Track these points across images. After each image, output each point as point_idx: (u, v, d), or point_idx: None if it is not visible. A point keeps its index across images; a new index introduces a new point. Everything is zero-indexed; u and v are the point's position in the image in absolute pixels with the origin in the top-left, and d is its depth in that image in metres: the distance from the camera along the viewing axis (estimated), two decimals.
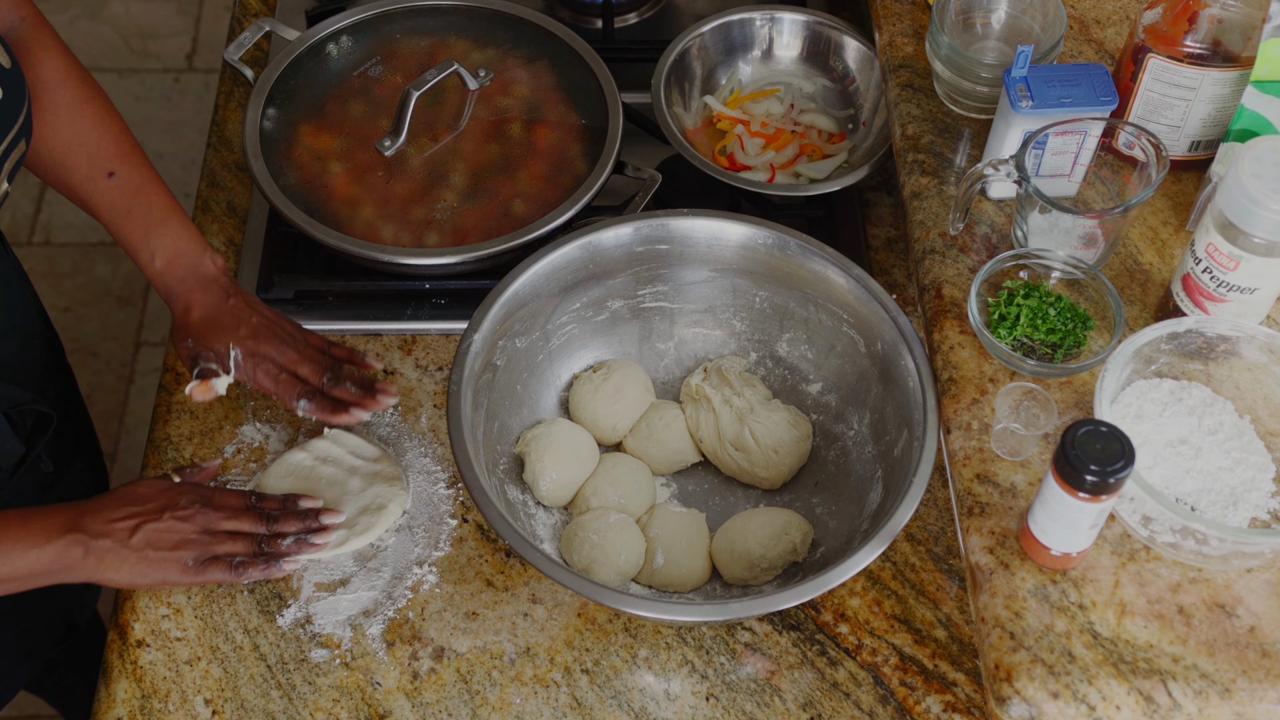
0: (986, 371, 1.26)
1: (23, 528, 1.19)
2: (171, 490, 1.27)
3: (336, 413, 1.35)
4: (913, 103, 1.46)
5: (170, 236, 1.37)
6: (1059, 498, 1.07)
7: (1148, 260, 1.32)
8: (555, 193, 1.51)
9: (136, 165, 1.37)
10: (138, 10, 3.21)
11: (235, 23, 1.82)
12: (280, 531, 1.30)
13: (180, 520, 1.25)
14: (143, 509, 1.24)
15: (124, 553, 1.22)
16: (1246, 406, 1.21)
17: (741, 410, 1.39)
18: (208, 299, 1.37)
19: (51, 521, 1.21)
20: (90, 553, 1.21)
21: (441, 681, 1.29)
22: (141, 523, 1.23)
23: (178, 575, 1.25)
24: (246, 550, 1.27)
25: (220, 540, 1.27)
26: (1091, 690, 1.08)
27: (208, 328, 1.35)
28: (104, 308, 2.75)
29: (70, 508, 1.23)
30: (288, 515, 1.31)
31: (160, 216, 1.37)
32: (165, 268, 1.37)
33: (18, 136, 1.22)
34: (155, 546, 1.23)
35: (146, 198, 1.37)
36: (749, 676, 1.30)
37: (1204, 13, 1.26)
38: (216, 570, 1.26)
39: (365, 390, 1.36)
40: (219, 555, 1.26)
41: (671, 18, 1.85)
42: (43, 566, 1.20)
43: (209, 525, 1.26)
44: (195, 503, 1.27)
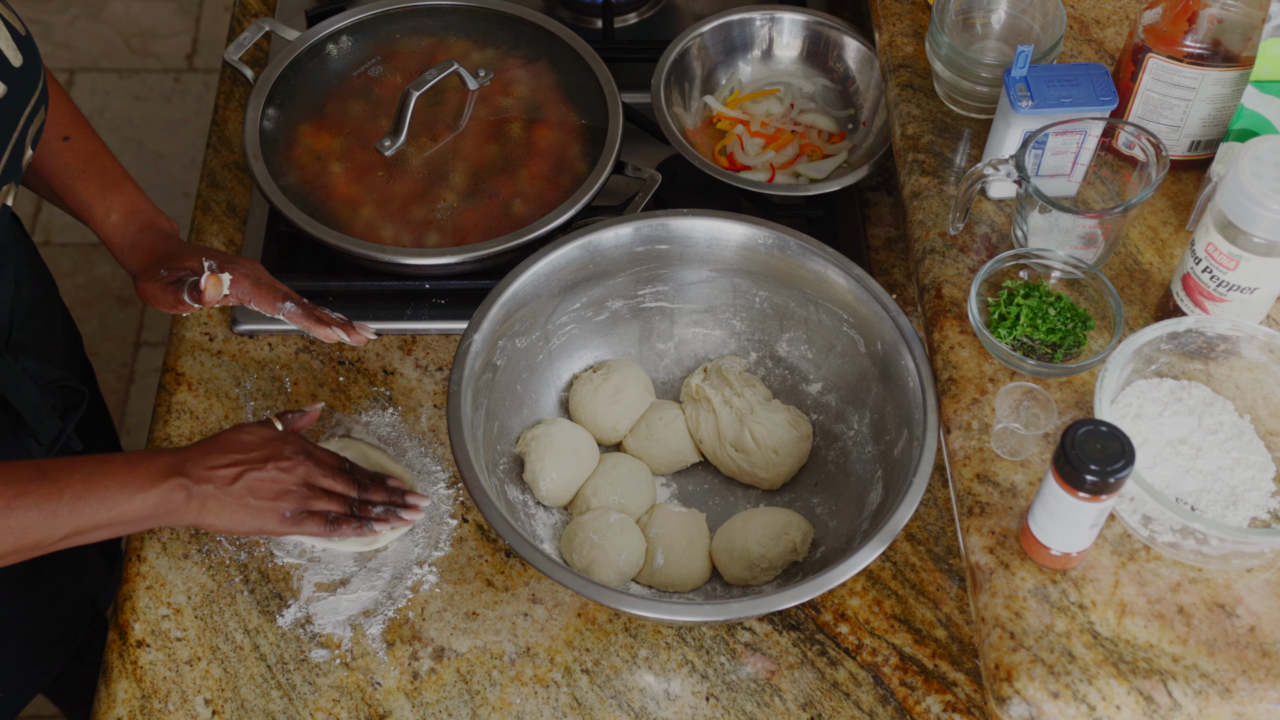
0: (986, 371, 1.26)
1: (130, 472, 1.20)
2: (276, 440, 1.28)
3: (320, 324, 1.35)
4: (913, 103, 1.46)
5: (126, 194, 1.38)
6: (1059, 498, 1.07)
7: (1148, 260, 1.32)
8: (555, 193, 1.51)
9: (90, 134, 1.39)
10: (138, 10, 3.21)
11: (235, 23, 1.82)
12: (369, 499, 1.30)
13: (283, 471, 1.25)
14: (247, 456, 1.25)
15: (225, 499, 1.23)
16: (1246, 406, 1.21)
17: (741, 411, 1.39)
18: (168, 244, 1.37)
19: (156, 465, 1.21)
20: (193, 497, 1.21)
21: (441, 681, 1.29)
22: (245, 470, 1.24)
23: (275, 524, 1.25)
24: (341, 509, 1.28)
25: (318, 495, 1.27)
26: (1091, 690, 1.08)
27: (175, 257, 1.36)
28: (104, 308, 2.75)
29: (174, 452, 1.23)
30: (376, 486, 1.32)
31: (116, 178, 1.38)
32: (123, 221, 1.37)
33: (39, 102, 1.23)
34: (256, 495, 1.24)
35: (101, 161, 1.38)
36: (749, 676, 1.30)
37: (1204, 13, 1.26)
38: (313, 524, 1.26)
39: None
40: (316, 510, 1.26)
41: (671, 18, 1.85)
42: (148, 510, 1.20)
43: (309, 479, 1.27)
44: (299, 453, 1.27)
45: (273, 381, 1.48)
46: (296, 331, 1.51)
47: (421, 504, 1.33)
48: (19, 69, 1.19)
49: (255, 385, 1.47)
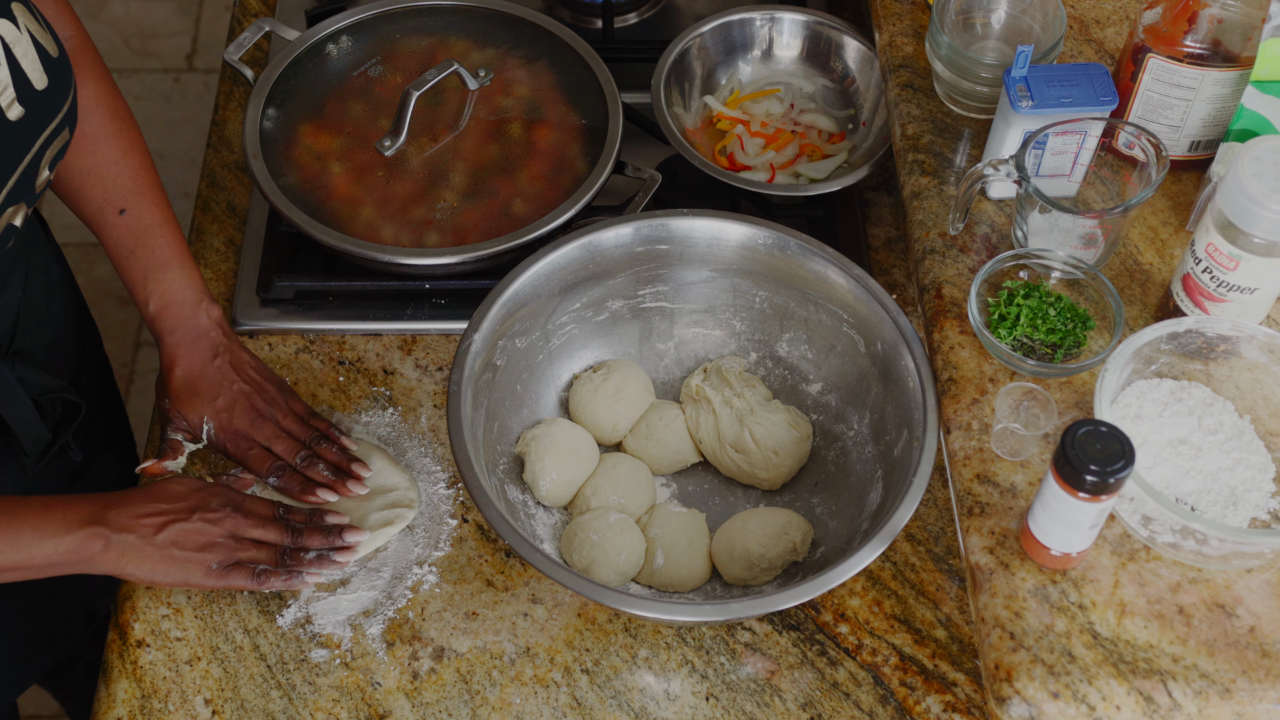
0: (986, 371, 1.26)
1: (44, 516, 1.19)
2: (204, 491, 1.27)
3: (305, 492, 1.34)
4: (913, 103, 1.46)
5: (167, 283, 1.37)
6: (1059, 498, 1.07)
7: (1148, 260, 1.32)
8: (555, 193, 1.51)
9: (150, 205, 1.37)
10: (138, 10, 3.21)
11: (235, 23, 1.82)
12: (304, 545, 1.30)
13: (209, 523, 1.25)
14: (173, 507, 1.25)
15: (148, 549, 1.22)
16: (1246, 406, 1.21)
17: (741, 411, 1.39)
18: (192, 357, 1.36)
19: (75, 512, 1.21)
20: (111, 546, 1.21)
21: (441, 681, 1.29)
22: (169, 521, 1.23)
23: (200, 577, 1.25)
24: (270, 559, 1.28)
25: (245, 547, 1.27)
26: (1091, 690, 1.08)
27: (186, 393, 1.36)
28: (104, 308, 2.75)
29: (97, 499, 1.23)
30: (313, 530, 1.31)
31: (162, 261, 1.37)
32: (157, 314, 1.37)
33: (61, 125, 1.22)
34: (181, 546, 1.23)
35: (152, 239, 1.37)
36: (749, 676, 1.30)
37: (1204, 13, 1.26)
38: (239, 576, 1.26)
39: (338, 474, 1.36)
40: (243, 561, 1.26)
41: (671, 18, 1.85)
42: (60, 556, 1.20)
43: (237, 530, 1.26)
44: (226, 505, 1.27)
45: None
46: (297, 331, 1.51)
47: (358, 538, 1.32)
48: (42, 91, 1.17)
49: None
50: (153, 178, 1.39)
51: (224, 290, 1.54)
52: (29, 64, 1.16)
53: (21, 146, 1.17)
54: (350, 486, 1.35)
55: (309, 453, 1.35)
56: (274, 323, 1.52)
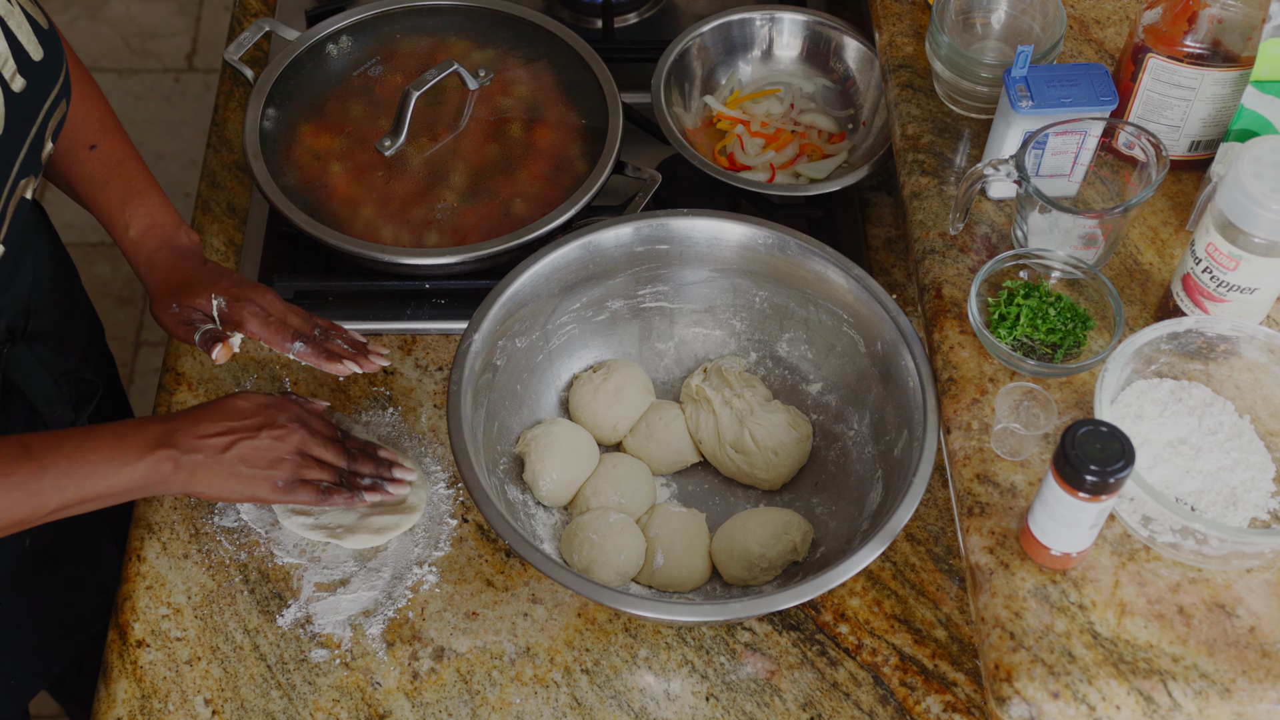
0: (986, 371, 1.26)
1: (116, 445, 1.19)
2: (272, 406, 1.27)
3: (331, 360, 1.34)
4: (913, 103, 1.46)
5: (147, 208, 1.37)
6: (1059, 498, 1.07)
7: (1148, 260, 1.32)
8: (555, 193, 1.51)
9: (118, 142, 1.38)
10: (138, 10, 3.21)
11: (235, 23, 1.82)
12: (358, 471, 1.30)
13: (276, 440, 1.25)
14: (240, 424, 1.24)
15: (216, 467, 1.22)
16: (1246, 406, 1.21)
17: (741, 412, 1.39)
18: (183, 265, 1.36)
19: (144, 437, 1.21)
20: (181, 467, 1.21)
21: (441, 681, 1.29)
22: (238, 438, 1.23)
23: (267, 492, 1.25)
24: (332, 478, 1.28)
25: (310, 465, 1.27)
26: (1091, 690, 1.08)
27: (187, 289, 1.35)
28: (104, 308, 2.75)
29: (163, 420, 1.23)
30: (366, 458, 1.32)
31: (139, 189, 1.37)
32: (140, 237, 1.37)
33: (59, 96, 1.23)
34: (249, 463, 1.23)
35: (126, 170, 1.37)
36: (749, 676, 1.30)
37: (1204, 13, 1.26)
38: (305, 492, 1.26)
39: (355, 349, 1.36)
40: (308, 479, 1.26)
41: (671, 18, 1.85)
42: (135, 482, 1.20)
43: (303, 447, 1.26)
44: (294, 420, 1.27)
45: (272, 381, 1.48)
46: None
47: (409, 477, 1.33)
48: (39, 63, 1.19)
49: (255, 385, 1.47)
50: (116, 120, 1.39)
51: None
52: (24, 36, 1.17)
53: (28, 117, 1.18)
54: (371, 359, 1.35)
55: (324, 330, 1.36)
56: None
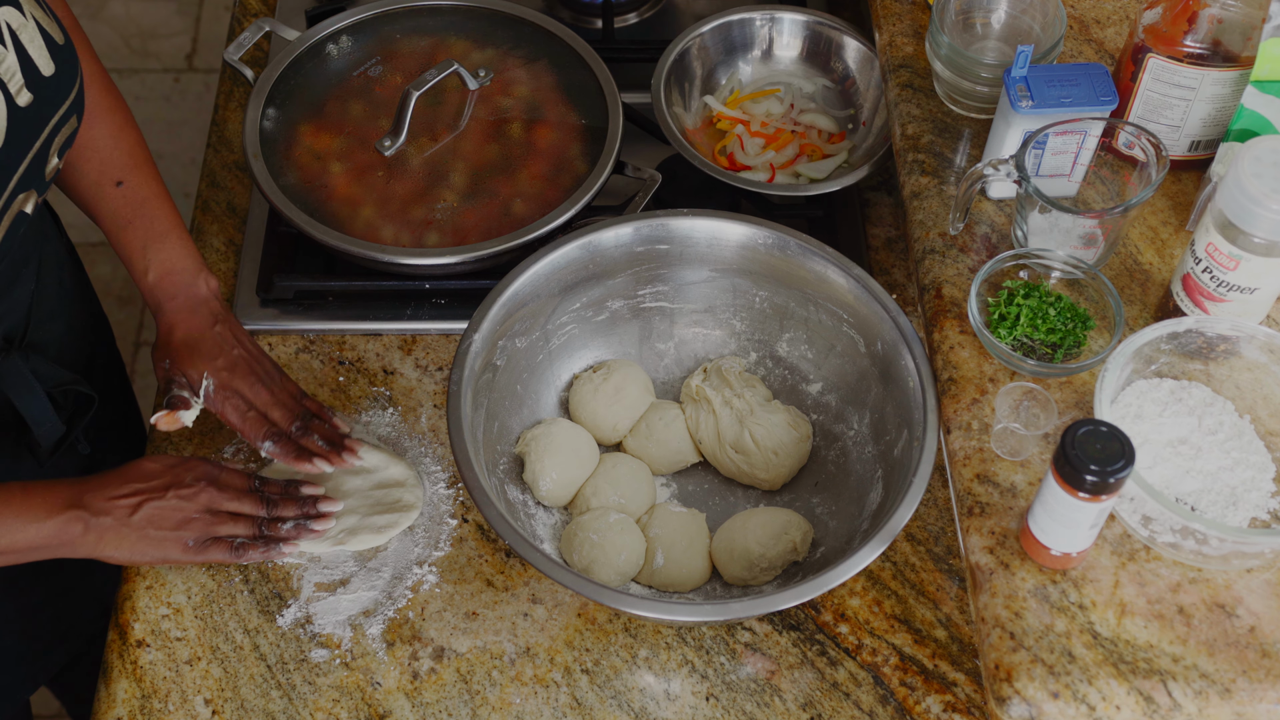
0: (986, 371, 1.26)
1: (25, 501, 1.20)
2: (179, 467, 1.28)
3: (300, 459, 1.35)
4: (913, 103, 1.46)
5: (166, 252, 1.37)
6: (1059, 498, 1.07)
7: (1148, 260, 1.32)
8: (555, 193, 1.51)
9: (146, 178, 1.38)
10: (138, 10, 3.20)
11: (235, 23, 1.82)
12: (280, 516, 1.30)
13: (184, 499, 1.25)
14: (147, 485, 1.25)
15: (124, 530, 1.23)
16: (1246, 406, 1.21)
17: (741, 412, 1.39)
18: (193, 321, 1.37)
19: (54, 496, 1.21)
20: (90, 529, 1.21)
21: (441, 681, 1.29)
22: (144, 500, 1.24)
23: (178, 554, 1.25)
24: (247, 532, 1.28)
25: (222, 520, 1.27)
26: (1091, 690, 1.08)
27: (187, 351, 1.36)
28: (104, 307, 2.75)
29: (74, 483, 1.23)
30: (287, 500, 1.32)
31: (160, 231, 1.37)
32: (157, 283, 1.37)
33: (69, 112, 1.22)
34: (157, 525, 1.24)
35: (150, 211, 1.37)
36: (749, 676, 1.30)
37: (1204, 13, 1.26)
38: (217, 550, 1.26)
39: (332, 446, 1.36)
40: (220, 536, 1.27)
41: (671, 18, 1.85)
42: (42, 540, 1.20)
43: (212, 504, 1.27)
44: (200, 480, 1.27)
45: None
46: (297, 331, 1.51)
47: (334, 508, 1.33)
48: (49, 78, 1.18)
49: None
50: (146, 154, 1.39)
51: (224, 290, 1.54)
52: (35, 50, 1.17)
53: (31, 132, 1.18)
54: (345, 457, 1.36)
55: (303, 423, 1.36)
56: (274, 323, 1.52)
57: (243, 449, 1.42)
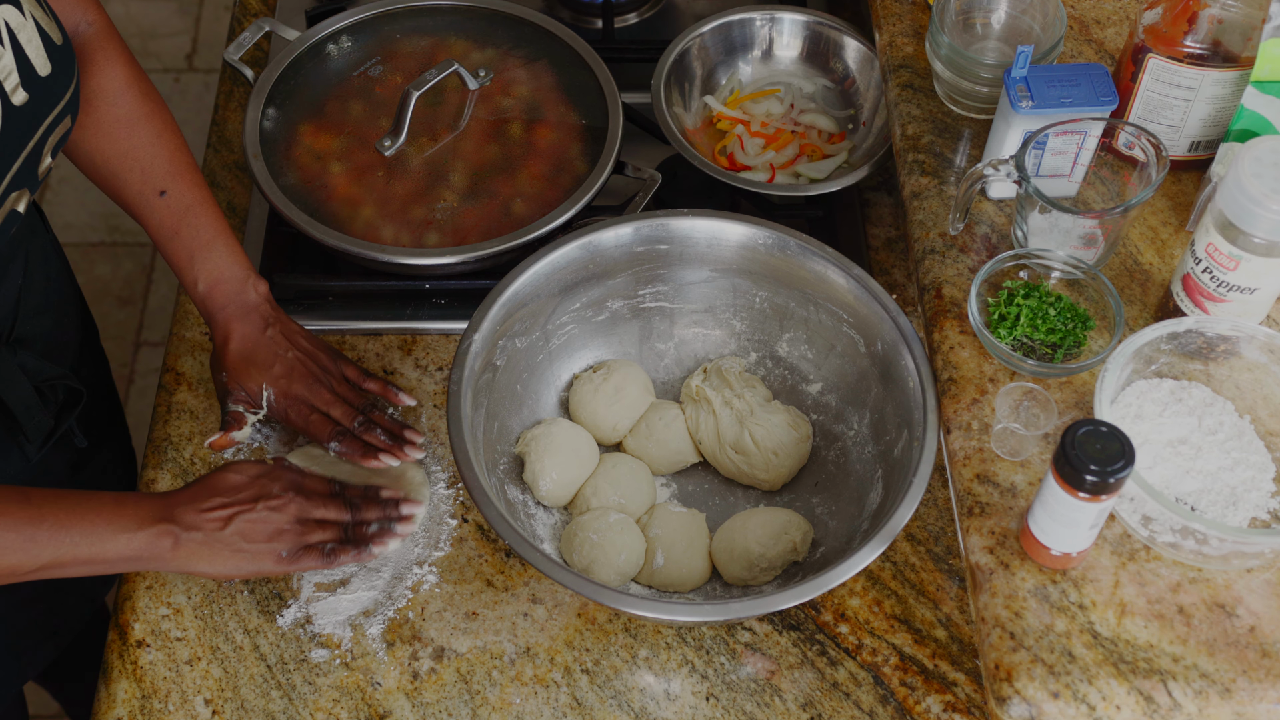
0: (986, 371, 1.26)
1: (117, 511, 1.19)
2: (265, 477, 1.27)
3: (367, 456, 1.35)
4: (913, 103, 1.46)
5: (213, 262, 1.37)
6: (1059, 498, 1.07)
7: (1148, 260, 1.32)
8: (555, 193, 1.51)
9: (189, 185, 1.38)
10: (138, 10, 3.20)
11: (235, 23, 1.82)
12: (364, 519, 1.30)
13: (274, 510, 1.24)
14: (236, 498, 1.24)
15: (216, 545, 1.22)
16: (1246, 406, 1.21)
17: (741, 412, 1.39)
18: (245, 329, 1.37)
19: (145, 509, 1.20)
20: (181, 544, 1.21)
21: (441, 681, 1.29)
22: (236, 514, 1.23)
23: (272, 565, 1.25)
24: (335, 537, 1.28)
25: (311, 529, 1.26)
26: (1091, 690, 1.08)
27: (243, 363, 1.36)
28: (104, 307, 2.75)
29: (163, 497, 1.23)
30: (370, 503, 1.32)
31: (206, 240, 1.37)
32: (207, 293, 1.37)
33: (63, 112, 1.22)
34: (249, 539, 1.23)
35: (194, 219, 1.37)
36: (749, 676, 1.30)
37: (1204, 13, 1.26)
38: (310, 559, 1.26)
39: (394, 438, 1.37)
40: (312, 544, 1.26)
41: (671, 18, 1.85)
42: (133, 552, 1.20)
43: (302, 514, 1.26)
44: (288, 489, 1.26)
45: None
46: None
47: (417, 511, 1.34)
48: (45, 78, 1.18)
49: None
50: (188, 158, 1.39)
51: None
52: (33, 50, 1.16)
53: (26, 132, 1.18)
54: (407, 451, 1.36)
55: (365, 418, 1.37)
56: None
57: (243, 449, 1.42)
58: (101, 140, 1.34)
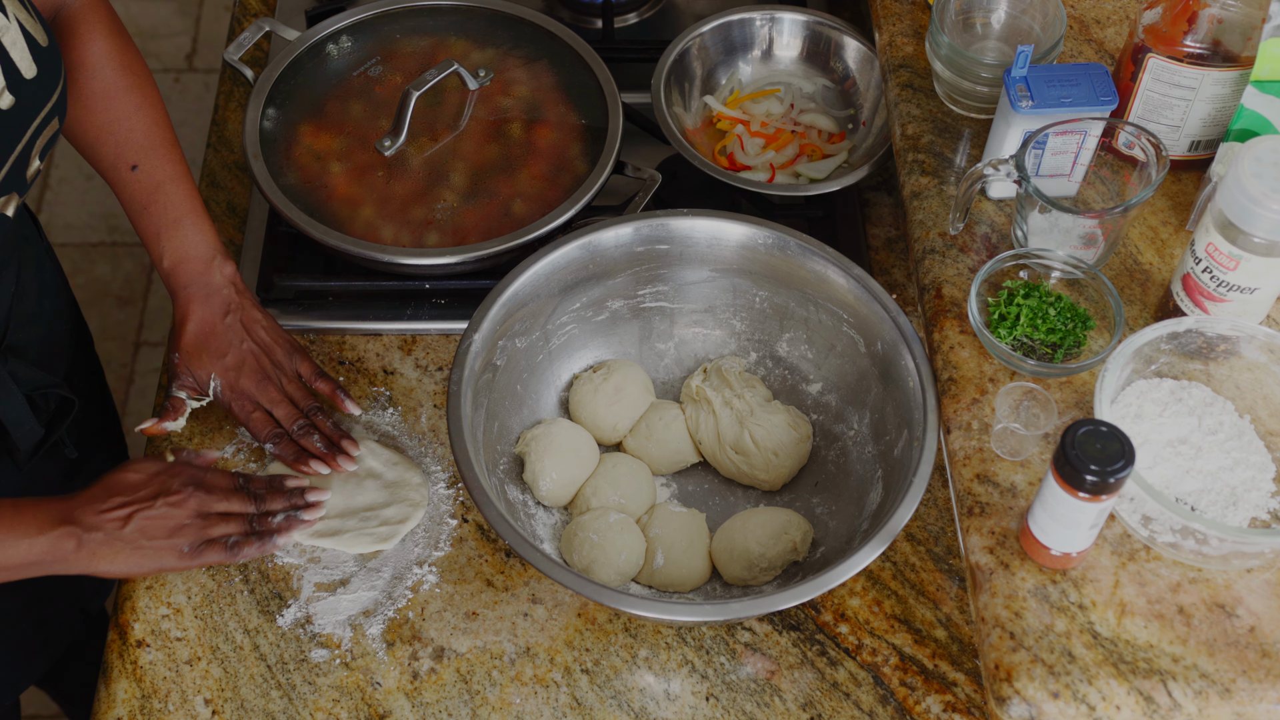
0: (986, 371, 1.26)
1: (15, 518, 1.19)
2: (164, 474, 1.26)
3: (299, 462, 1.35)
4: (913, 103, 1.46)
5: (180, 240, 1.37)
6: (1059, 498, 1.07)
7: (1148, 260, 1.32)
8: (555, 193, 1.51)
9: (163, 160, 1.37)
10: (138, 10, 3.20)
11: (235, 23, 1.82)
12: (269, 510, 1.30)
13: (173, 506, 1.24)
14: (135, 497, 1.23)
15: (117, 544, 1.22)
16: (1246, 406, 1.21)
17: (741, 413, 1.39)
18: (204, 313, 1.37)
19: (45, 513, 1.20)
20: (83, 545, 1.20)
21: (441, 681, 1.29)
22: (134, 511, 1.22)
23: (174, 561, 1.24)
24: (239, 530, 1.27)
25: (213, 523, 1.26)
26: (1091, 690, 1.08)
27: (196, 348, 1.36)
28: (104, 307, 2.75)
29: (63, 500, 1.22)
30: (274, 493, 1.31)
31: (175, 217, 1.37)
32: (171, 270, 1.37)
33: (50, 114, 1.22)
34: (149, 536, 1.23)
35: (165, 195, 1.36)
36: (749, 676, 1.30)
37: (1204, 13, 1.26)
38: (212, 553, 1.25)
39: (331, 447, 1.37)
40: (214, 538, 1.26)
41: (671, 18, 1.85)
42: (34, 557, 1.19)
43: (202, 508, 1.26)
44: (188, 485, 1.26)
45: None
46: (297, 331, 1.51)
47: (321, 497, 1.33)
48: (31, 80, 1.18)
49: None
50: (166, 133, 1.38)
51: None
52: (18, 53, 1.16)
53: (13, 136, 1.17)
54: (340, 462, 1.36)
55: (306, 422, 1.36)
56: None
57: (243, 447, 1.42)
58: (80, 112, 1.34)
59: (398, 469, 1.39)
